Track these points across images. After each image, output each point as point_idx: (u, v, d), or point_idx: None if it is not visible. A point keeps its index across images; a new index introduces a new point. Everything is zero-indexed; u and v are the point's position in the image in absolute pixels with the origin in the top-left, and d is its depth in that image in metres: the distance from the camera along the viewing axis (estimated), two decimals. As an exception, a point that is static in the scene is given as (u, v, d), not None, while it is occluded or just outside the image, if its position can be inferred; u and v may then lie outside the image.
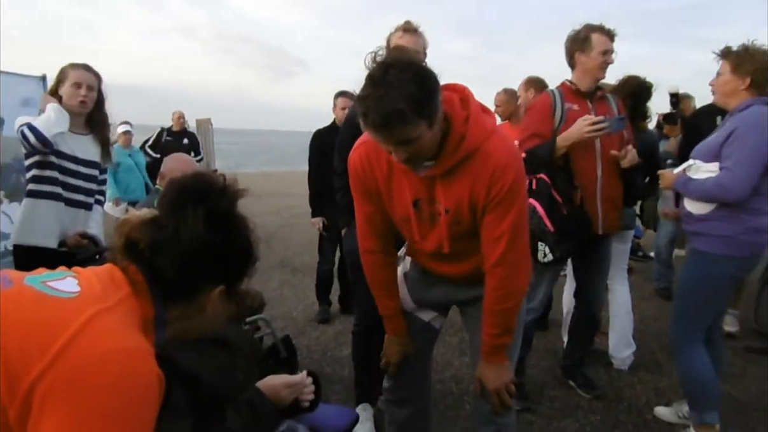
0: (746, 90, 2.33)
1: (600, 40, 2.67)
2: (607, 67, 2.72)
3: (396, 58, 1.39)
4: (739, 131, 2.27)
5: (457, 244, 1.68)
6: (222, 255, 1.00)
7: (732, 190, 2.26)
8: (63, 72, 2.54)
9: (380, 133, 1.40)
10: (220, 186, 1.03)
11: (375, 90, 1.34)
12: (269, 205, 10.53)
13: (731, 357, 3.51)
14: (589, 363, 3.30)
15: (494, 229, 1.59)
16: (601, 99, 2.82)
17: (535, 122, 2.77)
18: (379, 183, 1.67)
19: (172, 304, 0.99)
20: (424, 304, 1.95)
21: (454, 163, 1.53)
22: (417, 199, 1.63)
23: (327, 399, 2.93)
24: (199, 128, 12.50)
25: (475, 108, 1.56)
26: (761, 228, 2.33)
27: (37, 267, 2.69)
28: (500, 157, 1.53)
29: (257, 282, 4.85)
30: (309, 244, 7.00)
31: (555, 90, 2.81)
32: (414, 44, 2.48)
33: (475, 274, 1.71)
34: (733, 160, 2.26)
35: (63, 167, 2.52)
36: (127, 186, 5.81)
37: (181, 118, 7.38)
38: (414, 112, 1.35)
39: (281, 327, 3.74)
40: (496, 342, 1.73)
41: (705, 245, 2.38)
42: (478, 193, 1.56)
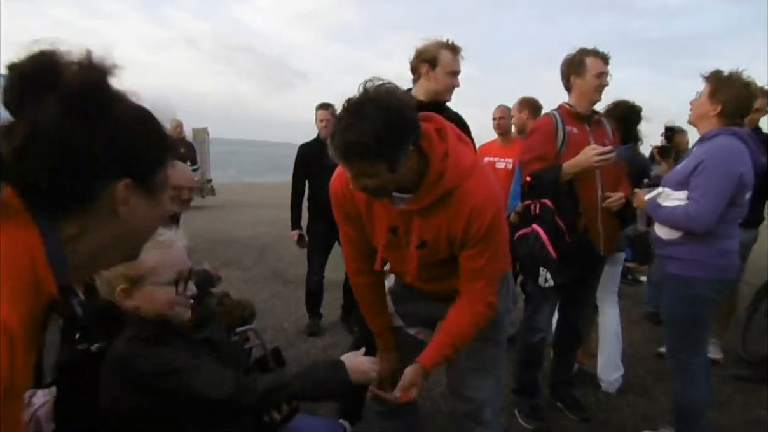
0: (716, 116, 2.35)
1: (594, 63, 2.71)
2: (603, 89, 2.76)
3: (381, 95, 1.39)
4: (706, 163, 2.30)
5: (435, 268, 1.70)
6: (102, 141, 0.75)
7: (699, 221, 2.30)
8: None
9: (338, 159, 1.42)
10: (74, 62, 0.75)
11: (347, 116, 1.36)
12: (264, 215, 10.51)
13: (719, 385, 3.51)
14: (577, 385, 3.31)
15: (473, 263, 1.61)
16: (598, 123, 2.87)
17: (539, 145, 2.78)
18: (359, 208, 1.68)
19: (63, 219, 0.76)
20: (410, 318, 1.97)
21: (432, 200, 1.53)
22: (395, 227, 1.65)
23: (314, 412, 2.92)
24: (196, 138, 12.51)
25: (452, 140, 1.55)
26: (731, 250, 2.38)
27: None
28: (479, 197, 1.54)
29: (248, 292, 4.87)
30: (302, 256, 6.95)
31: (556, 113, 2.83)
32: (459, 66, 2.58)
33: (450, 291, 1.73)
34: (700, 192, 2.29)
35: None
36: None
37: (179, 127, 7.40)
38: (374, 150, 1.35)
39: (271, 338, 3.73)
40: (447, 358, 1.74)
41: (678, 268, 2.42)
42: (455, 230, 1.57)
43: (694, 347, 2.47)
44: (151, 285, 1.36)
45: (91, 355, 1.38)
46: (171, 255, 1.40)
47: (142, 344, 1.28)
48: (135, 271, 1.35)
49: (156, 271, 1.36)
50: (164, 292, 1.37)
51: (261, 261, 6.91)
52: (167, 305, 1.38)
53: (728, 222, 2.35)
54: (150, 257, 1.36)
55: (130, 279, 1.35)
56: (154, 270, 1.36)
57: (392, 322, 1.99)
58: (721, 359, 3.88)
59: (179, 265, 1.41)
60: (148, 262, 1.36)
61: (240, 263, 6.50)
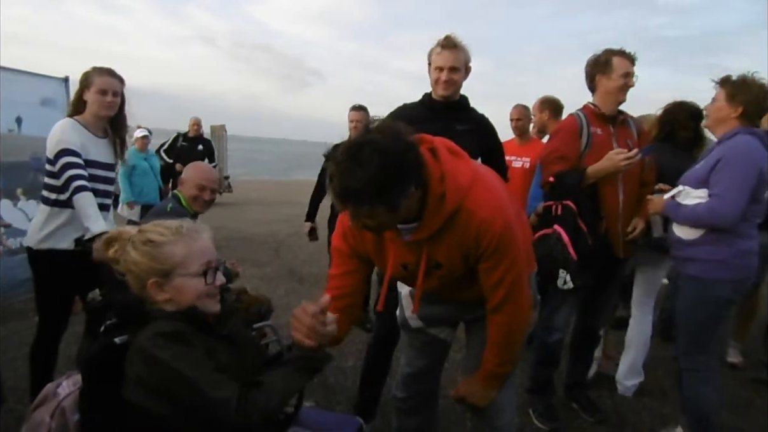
0: (737, 119, 2.38)
1: (621, 63, 2.69)
2: (628, 89, 2.74)
3: (380, 138, 1.33)
4: (726, 159, 2.31)
5: (454, 285, 1.70)
6: None
7: (723, 216, 2.29)
8: (88, 77, 2.57)
9: (336, 201, 1.39)
10: None
11: (345, 161, 1.32)
12: (280, 213, 10.58)
13: (738, 388, 3.48)
14: (594, 387, 3.29)
15: (491, 277, 1.60)
16: (623, 123, 2.83)
17: (562, 145, 2.76)
18: (368, 246, 1.67)
19: None
20: (431, 320, 1.97)
21: (438, 226, 1.51)
22: (406, 263, 1.64)
23: (330, 408, 2.94)
24: (214, 134, 12.66)
25: (446, 158, 1.51)
26: (751, 250, 2.37)
27: (55, 267, 2.70)
28: (483, 213, 1.50)
29: (264, 289, 4.91)
30: (318, 254, 7.02)
31: (581, 113, 2.81)
32: (453, 61, 2.53)
33: (476, 297, 1.71)
34: (723, 187, 2.29)
35: (91, 175, 2.53)
36: (142, 189, 5.88)
37: (197, 124, 7.47)
38: (371, 197, 1.31)
39: (287, 335, 3.74)
40: (496, 370, 1.75)
41: (697, 270, 2.40)
42: (467, 247, 1.55)
43: (707, 348, 2.46)
44: (180, 277, 1.38)
45: (115, 347, 1.40)
46: (197, 246, 1.41)
47: (164, 341, 1.29)
48: (163, 264, 1.37)
49: (184, 262, 1.38)
50: (193, 283, 1.39)
51: (276, 258, 6.96)
52: (196, 296, 1.39)
53: (748, 220, 2.35)
54: (177, 249, 1.38)
55: (160, 272, 1.37)
56: (182, 262, 1.38)
57: (410, 324, 2.01)
58: (741, 363, 3.83)
59: (207, 255, 1.42)
60: (175, 255, 1.38)
61: (255, 260, 6.55)
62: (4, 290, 4.38)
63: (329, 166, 1.35)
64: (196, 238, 1.43)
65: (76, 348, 2.80)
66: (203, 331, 1.37)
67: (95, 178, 2.56)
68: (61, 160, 2.45)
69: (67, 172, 2.44)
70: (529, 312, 1.72)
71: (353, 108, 4.19)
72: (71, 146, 2.48)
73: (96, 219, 2.43)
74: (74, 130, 2.54)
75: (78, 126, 2.57)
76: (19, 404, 2.85)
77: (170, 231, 1.41)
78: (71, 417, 1.44)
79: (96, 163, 2.59)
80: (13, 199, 4.55)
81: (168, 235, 1.40)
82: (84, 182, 2.45)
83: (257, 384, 1.33)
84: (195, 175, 2.74)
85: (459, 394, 1.83)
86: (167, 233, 1.40)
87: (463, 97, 2.71)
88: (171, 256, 1.37)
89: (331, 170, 1.35)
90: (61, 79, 5.00)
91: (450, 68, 2.55)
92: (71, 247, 2.53)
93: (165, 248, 1.38)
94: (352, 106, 4.21)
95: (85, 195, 2.43)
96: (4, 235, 4.44)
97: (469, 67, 2.63)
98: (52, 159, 2.50)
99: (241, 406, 1.25)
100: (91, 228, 2.40)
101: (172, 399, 1.28)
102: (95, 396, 1.40)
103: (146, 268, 1.37)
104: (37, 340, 2.66)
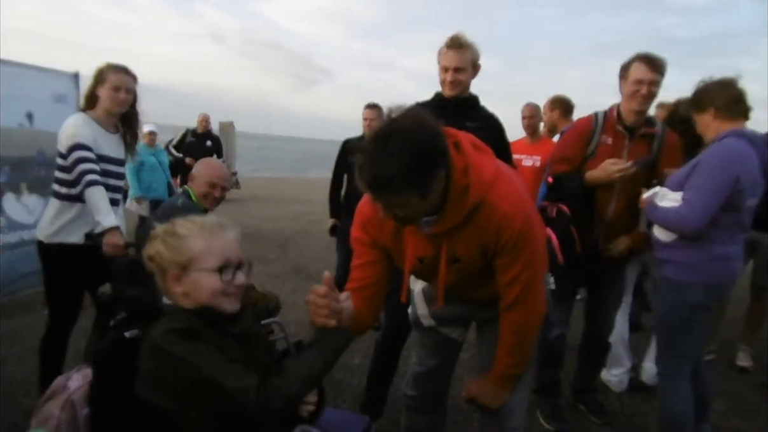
0: (715, 120, 2.33)
1: (637, 69, 2.53)
2: (640, 98, 2.54)
3: (407, 126, 1.33)
4: (701, 164, 2.25)
5: (472, 280, 1.69)
6: None
7: (687, 222, 2.25)
8: (102, 73, 2.59)
9: (368, 192, 1.40)
10: None
11: (375, 151, 1.32)
12: (287, 210, 10.60)
13: (747, 393, 3.46)
14: (601, 390, 3.27)
15: (508, 273, 1.59)
16: (643, 138, 2.65)
17: (568, 146, 2.74)
18: (386, 237, 1.66)
19: None
20: (443, 319, 1.96)
21: (459, 219, 1.50)
22: (422, 257, 1.64)
23: (336, 406, 2.94)
24: (222, 131, 12.70)
25: (469, 151, 1.51)
26: (726, 256, 2.30)
27: (66, 262, 2.73)
28: (505, 207, 1.50)
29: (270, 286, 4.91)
30: (324, 252, 7.03)
31: (600, 116, 2.72)
32: (458, 61, 2.51)
33: (490, 295, 1.71)
34: (693, 192, 2.24)
35: (103, 170, 2.55)
36: (150, 184, 5.90)
37: (206, 120, 7.50)
38: (405, 183, 1.32)
39: (293, 332, 3.76)
40: (509, 371, 1.74)
41: (671, 272, 2.37)
42: (487, 242, 1.55)
43: (685, 354, 2.40)
44: (196, 271, 1.37)
45: (125, 342, 1.40)
46: (217, 242, 1.40)
47: (176, 337, 1.28)
48: (181, 256, 1.36)
49: (202, 257, 1.37)
50: (209, 278, 1.37)
51: (283, 255, 6.97)
52: (211, 293, 1.37)
53: (722, 228, 2.26)
54: (196, 243, 1.37)
55: (178, 264, 1.37)
56: (200, 256, 1.37)
57: (423, 323, 2.00)
58: (751, 367, 3.80)
59: (226, 252, 1.40)
60: (194, 248, 1.37)
61: (262, 257, 6.57)
62: (7, 284, 4.40)
63: (357, 157, 1.35)
64: (217, 234, 1.41)
65: (84, 342, 2.81)
66: (215, 329, 1.36)
67: (106, 173, 2.57)
68: (74, 154, 2.47)
69: (80, 166, 2.45)
70: (543, 312, 1.70)
71: (367, 106, 4.20)
72: (84, 141, 2.49)
73: (107, 213, 2.44)
74: (87, 125, 2.55)
75: (90, 121, 2.58)
76: (26, 398, 2.87)
77: (196, 226, 1.40)
78: (81, 411, 1.44)
79: (107, 158, 2.60)
80: (17, 193, 4.57)
81: (192, 229, 1.39)
82: (96, 176, 2.46)
83: (278, 371, 1.32)
84: (206, 172, 2.74)
85: (470, 394, 1.82)
86: (192, 227, 1.40)
87: (473, 96, 2.70)
88: (189, 249, 1.37)
89: (359, 161, 1.34)
90: (71, 75, 5.02)
91: (455, 69, 2.53)
92: (81, 241, 2.54)
93: (186, 241, 1.37)
94: (366, 105, 4.22)
95: (97, 189, 2.44)
96: (5, 228, 4.46)
97: (477, 65, 2.61)
98: (64, 153, 2.52)
99: (261, 394, 1.24)
100: (102, 222, 2.41)
101: (189, 394, 1.27)
102: (105, 390, 1.40)
103: (167, 259, 1.37)
104: (47, 333, 2.67)
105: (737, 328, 4.08)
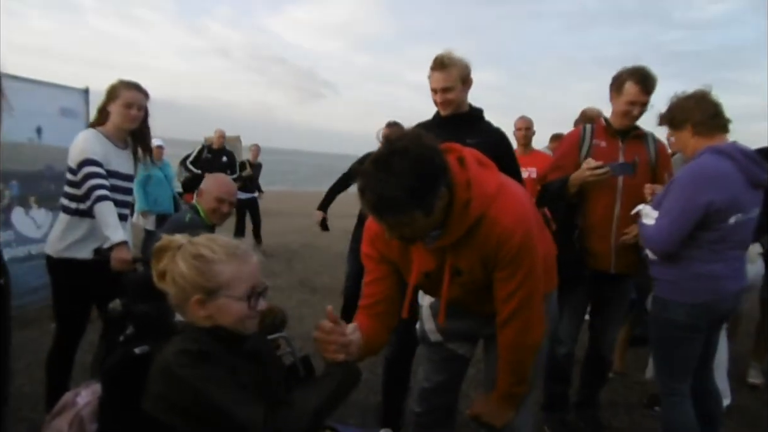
0: (693, 137, 2.28)
1: (631, 90, 2.62)
2: (631, 117, 2.67)
3: (405, 145, 1.36)
4: (674, 183, 2.23)
5: (475, 294, 1.69)
6: None
7: (655, 242, 2.24)
8: (115, 90, 2.62)
9: (372, 213, 1.41)
10: None
11: (376, 172, 1.35)
12: (292, 224, 10.62)
13: (759, 409, 3.42)
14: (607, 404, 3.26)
15: (506, 287, 1.58)
16: (636, 138, 2.77)
17: (560, 155, 2.82)
18: (394, 253, 1.67)
19: None
20: (451, 334, 1.96)
21: (462, 233, 1.51)
22: (427, 272, 1.64)
23: (343, 422, 2.92)
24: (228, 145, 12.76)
25: (473, 166, 1.53)
26: (711, 275, 2.21)
27: (74, 276, 2.74)
28: (506, 222, 1.51)
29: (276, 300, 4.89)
30: (330, 265, 7.04)
31: (588, 126, 2.83)
32: (444, 81, 2.49)
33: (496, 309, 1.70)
34: (662, 214, 2.22)
35: (112, 185, 2.56)
36: (156, 198, 5.94)
37: (222, 137, 7.61)
38: (408, 202, 1.34)
39: (300, 347, 3.73)
40: (511, 390, 1.73)
41: (658, 290, 2.35)
42: (487, 256, 1.56)
43: (678, 372, 2.35)
44: (225, 297, 1.35)
45: (135, 357, 1.40)
46: (246, 269, 1.38)
47: (189, 360, 1.27)
48: (209, 281, 1.34)
49: (231, 284, 1.35)
50: (237, 306, 1.36)
51: (289, 269, 6.97)
52: (238, 319, 1.36)
53: (702, 247, 2.20)
54: (227, 269, 1.35)
55: (205, 290, 1.34)
56: (230, 283, 1.35)
57: (430, 338, 2.00)
58: (762, 384, 3.75)
59: (253, 279, 1.39)
60: (224, 275, 1.34)
61: (268, 271, 6.57)
62: (17, 297, 4.41)
63: (358, 181, 1.37)
64: (246, 261, 1.40)
65: (91, 356, 2.81)
66: (227, 348, 1.35)
67: (115, 189, 2.59)
68: (84, 169, 2.49)
69: (90, 182, 2.47)
70: (540, 334, 1.67)
71: (388, 125, 4.14)
72: (94, 156, 2.51)
73: (116, 228, 2.45)
74: (97, 141, 2.58)
75: (100, 137, 2.61)
76: (33, 412, 2.86)
77: (223, 250, 1.37)
78: (90, 426, 1.44)
79: (117, 174, 2.62)
80: (26, 207, 4.61)
81: (220, 253, 1.36)
82: (106, 191, 2.48)
83: (288, 402, 1.31)
84: (214, 188, 2.75)
85: (474, 412, 1.81)
86: (219, 251, 1.37)
87: (475, 110, 2.66)
88: (218, 275, 1.34)
89: (361, 183, 1.37)
90: (81, 90, 5.08)
91: (443, 89, 2.51)
92: (90, 256, 2.55)
93: (215, 266, 1.35)
94: (387, 123, 4.17)
95: (107, 204, 2.46)
96: (13, 242, 4.48)
97: (468, 80, 2.55)
98: (74, 168, 2.54)
99: (269, 426, 1.23)
100: (111, 237, 2.43)
101: (197, 419, 1.26)
102: (114, 406, 1.39)
103: (192, 283, 1.34)
104: (54, 347, 2.68)
105: (746, 343, 4.05)
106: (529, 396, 1.87)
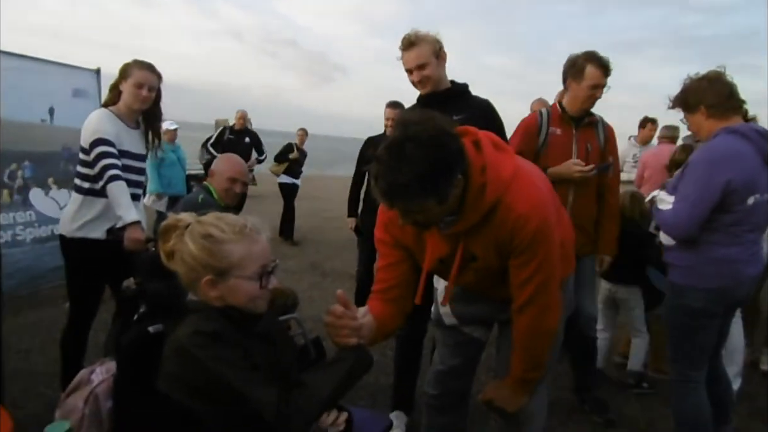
0: (708, 118, 2.23)
1: (593, 74, 2.70)
2: (594, 100, 2.77)
3: (419, 131, 1.32)
4: (690, 166, 2.19)
5: (489, 280, 1.67)
6: None
7: (674, 227, 2.21)
8: (128, 69, 2.61)
9: (384, 200, 1.38)
10: None
11: (389, 159, 1.32)
12: (303, 207, 10.60)
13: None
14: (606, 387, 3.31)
15: (520, 274, 1.56)
16: (588, 125, 2.86)
17: (518, 142, 2.84)
18: (408, 239, 1.66)
19: None
20: (465, 318, 1.95)
21: (477, 219, 1.49)
22: (442, 257, 1.63)
23: (353, 404, 2.94)
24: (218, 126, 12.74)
25: (489, 151, 1.49)
26: (728, 258, 2.18)
27: (87, 256, 2.75)
28: (521, 208, 1.48)
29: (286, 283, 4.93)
30: (340, 249, 7.05)
31: (544, 111, 2.91)
32: (416, 59, 2.46)
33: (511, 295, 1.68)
34: (679, 198, 2.19)
35: (124, 165, 2.56)
36: (170, 180, 5.97)
37: (243, 117, 7.54)
38: (421, 190, 1.31)
39: (310, 329, 3.75)
40: (525, 376, 1.71)
41: (673, 275, 2.32)
42: (502, 242, 1.53)
43: (691, 359, 2.33)
44: (236, 278, 1.34)
45: (149, 336, 1.40)
46: (256, 247, 1.37)
47: (203, 340, 1.27)
48: (220, 262, 1.32)
49: (242, 264, 1.34)
50: (248, 285, 1.35)
51: (299, 252, 6.99)
52: (249, 299, 1.36)
53: (719, 230, 2.17)
54: (237, 249, 1.33)
55: (216, 270, 1.33)
56: (240, 263, 1.33)
57: (445, 321, 1.99)
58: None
59: (264, 258, 1.38)
60: (235, 255, 1.33)
61: (278, 254, 6.57)
62: (34, 277, 4.48)
63: (372, 167, 1.34)
64: (256, 239, 1.37)
65: (104, 335, 2.84)
66: (239, 328, 1.35)
67: (128, 169, 2.59)
68: (96, 149, 2.49)
69: (102, 161, 2.48)
70: (556, 320, 1.66)
71: (389, 105, 4.12)
72: (106, 136, 2.51)
73: (129, 208, 2.46)
74: (109, 121, 2.58)
75: (112, 116, 2.60)
76: (49, 389, 2.91)
77: (232, 229, 1.35)
78: (104, 404, 1.46)
79: (129, 154, 2.62)
80: (45, 188, 4.65)
81: (229, 233, 1.35)
82: (118, 171, 2.48)
83: (299, 385, 1.32)
84: (226, 168, 2.75)
85: (486, 396, 1.80)
86: (228, 231, 1.35)
87: (458, 85, 2.60)
88: (229, 255, 1.33)
89: (374, 170, 1.34)
90: (93, 71, 5.08)
91: (417, 67, 2.47)
92: (103, 236, 2.57)
93: (224, 246, 1.33)
94: (388, 103, 4.14)
95: (119, 184, 2.46)
96: (35, 222, 4.54)
97: (442, 53, 2.50)
98: (86, 148, 2.54)
99: (282, 409, 1.24)
100: (124, 217, 2.44)
101: (211, 399, 1.27)
102: (129, 384, 1.41)
103: (202, 263, 1.33)
104: (68, 326, 2.71)
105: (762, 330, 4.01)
106: (541, 382, 1.85)
